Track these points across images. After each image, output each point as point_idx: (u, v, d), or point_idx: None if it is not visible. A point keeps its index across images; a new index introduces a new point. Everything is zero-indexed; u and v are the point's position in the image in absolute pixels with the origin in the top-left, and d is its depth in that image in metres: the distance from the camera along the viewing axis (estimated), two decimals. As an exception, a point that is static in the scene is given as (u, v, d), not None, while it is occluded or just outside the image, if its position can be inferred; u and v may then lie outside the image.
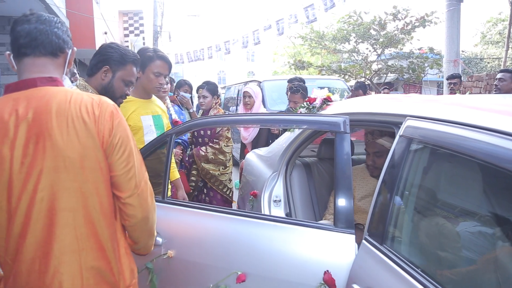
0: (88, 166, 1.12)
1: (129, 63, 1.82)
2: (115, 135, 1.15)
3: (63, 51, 1.21)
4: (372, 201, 1.39)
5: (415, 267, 1.12)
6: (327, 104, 2.13)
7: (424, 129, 1.28)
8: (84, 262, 1.13)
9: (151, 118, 2.28)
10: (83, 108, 1.13)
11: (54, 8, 6.27)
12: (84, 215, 1.13)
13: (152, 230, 1.30)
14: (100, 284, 1.16)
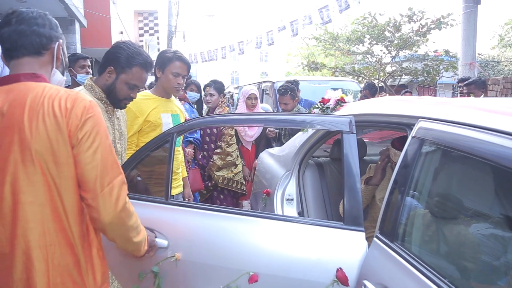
0: (58, 161, 1.11)
1: (135, 66, 1.76)
2: (82, 129, 1.12)
3: (47, 47, 1.21)
4: (384, 200, 1.42)
5: (424, 264, 1.15)
6: (340, 105, 2.16)
7: (436, 131, 1.30)
8: (51, 258, 1.12)
9: (170, 116, 2.37)
10: (56, 102, 1.12)
11: (73, 8, 6.43)
12: (52, 210, 1.11)
13: (127, 236, 1.25)
14: (67, 283, 1.14)
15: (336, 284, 1.38)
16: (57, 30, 1.25)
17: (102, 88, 1.81)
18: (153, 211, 1.65)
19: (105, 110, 1.83)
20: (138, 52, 1.79)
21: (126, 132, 1.95)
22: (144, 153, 1.73)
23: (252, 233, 1.54)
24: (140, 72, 1.79)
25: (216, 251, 1.52)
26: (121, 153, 1.88)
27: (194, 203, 1.69)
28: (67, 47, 7.18)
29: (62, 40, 1.27)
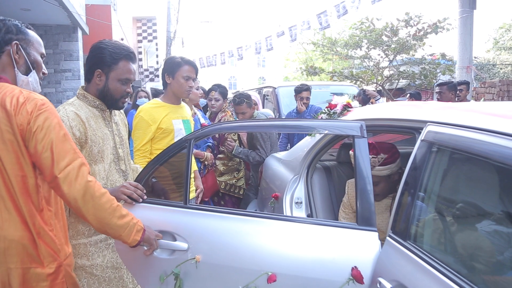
0: (7, 149, 1.29)
1: (120, 60, 1.77)
2: (34, 123, 1.29)
3: (1, 50, 1.38)
4: (395, 201, 1.49)
5: (437, 260, 1.21)
6: (347, 110, 2.24)
7: (444, 134, 1.37)
8: (6, 233, 1.29)
9: (181, 122, 2.44)
10: (8, 98, 1.29)
11: (76, 16, 6.50)
12: (6, 190, 1.30)
13: (99, 216, 1.39)
14: (21, 255, 1.32)
15: (352, 282, 1.43)
16: (12, 33, 1.40)
17: (95, 94, 1.81)
18: (173, 215, 1.71)
19: (101, 117, 1.83)
20: (119, 46, 1.79)
21: (126, 136, 1.96)
22: (163, 159, 1.78)
23: (270, 235, 1.59)
24: (127, 65, 1.79)
25: (235, 253, 1.57)
26: (123, 157, 1.90)
27: (212, 206, 1.74)
28: (70, 54, 7.27)
29: (18, 40, 1.40)
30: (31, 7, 5.83)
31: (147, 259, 1.68)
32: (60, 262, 1.41)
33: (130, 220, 1.48)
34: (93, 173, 1.76)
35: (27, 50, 1.44)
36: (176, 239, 1.65)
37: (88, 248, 1.75)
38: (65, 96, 7.10)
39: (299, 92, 4.50)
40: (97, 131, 1.78)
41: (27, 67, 1.44)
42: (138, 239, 1.51)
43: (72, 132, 1.66)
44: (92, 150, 1.75)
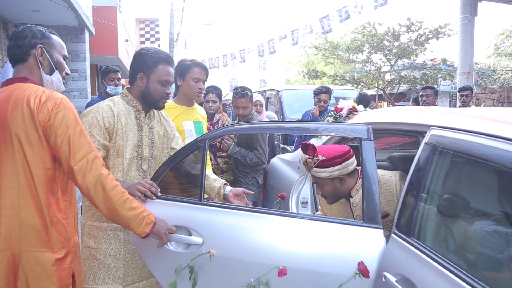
0: (30, 142, 1.43)
1: (159, 63, 1.93)
2: (54, 120, 1.44)
3: (28, 53, 1.55)
4: (400, 200, 1.58)
5: (439, 255, 1.30)
6: (353, 113, 2.33)
7: (447, 138, 1.47)
8: (23, 218, 1.43)
9: (192, 124, 2.51)
10: (32, 97, 1.44)
11: (84, 18, 6.60)
12: (25, 179, 1.44)
13: (109, 207, 1.52)
14: (34, 240, 1.44)
15: (358, 276, 1.52)
16: (37, 37, 1.57)
17: (137, 95, 1.96)
18: (189, 211, 1.80)
19: (135, 116, 1.95)
20: (158, 51, 1.97)
21: (159, 142, 2.05)
22: (178, 158, 1.87)
23: (281, 231, 1.68)
24: (166, 67, 1.95)
25: (247, 248, 1.66)
26: (148, 158, 1.99)
27: (225, 203, 1.82)
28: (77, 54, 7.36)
29: (42, 44, 1.57)
30: (41, 9, 5.94)
31: (164, 253, 1.76)
32: (69, 249, 1.53)
33: (140, 213, 1.59)
34: (114, 165, 1.89)
35: (50, 52, 1.59)
36: (191, 234, 1.74)
37: (97, 232, 1.88)
38: (71, 96, 7.20)
39: (318, 94, 4.30)
40: (126, 127, 1.90)
41: (50, 68, 1.60)
42: (147, 231, 1.62)
43: (103, 122, 1.83)
44: (117, 142, 1.88)
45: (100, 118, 1.84)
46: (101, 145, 1.84)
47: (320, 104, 4.29)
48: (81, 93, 7.24)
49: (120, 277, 1.89)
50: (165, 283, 1.77)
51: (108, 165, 1.90)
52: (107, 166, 1.89)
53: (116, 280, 1.88)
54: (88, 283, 1.86)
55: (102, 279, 1.87)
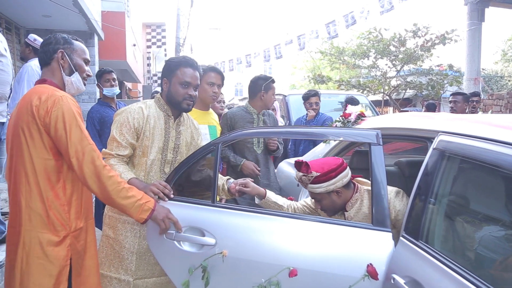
0: (32, 135, 1.60)
1: (179, 67, 2.03)
2: (51, 117, 1.58)
3: (51, 58, 1.73)
4: (408, 203, 1.61)
5: (447, 257, 1.34)
6: (361, 119, 2.36)
7: (455, 143, 1.50)
8: (27, 201, 1.61)
9: (207, 128, 2.58)
10: (36, 96, 1.61)
11: (94, 22, 6.70)
12: (30, 167, 1.61)
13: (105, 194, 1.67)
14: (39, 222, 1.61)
15: (367, 278, 1.55)
16: (59, 43, 1.74)
17: (166, 100, 2.07)
18: (202, 212, 1.85)
19: (164, 121, 2.05)
20: (182, 57, 2.09)
21: (184, 147, 2.12)
22: (192, 161, 1.93)
23: (292, 233, 1.72)
24: (185, 70, 2.03)
25: (259, 249, 1.70)
26: (171, 162, 2.06)
27: (238, 205, 1.87)
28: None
29: (64, 49, 1.73)
30: (52, 14, 6.05)
31: (177, 253, 1.81)
32: (68, 233, 1.68)
33: (136, 201, 1.71)
34: (138, 163, 2.00)
35: (71, 56, 1.76)
36: (204, 234, 1.79)
37: (116, 223, 2.00)
38: (80, 100, 7.29)
39: (307, 99, 4.57)
40: (154, 130, 1.99)
41: (70, 70, 1.76)
42: (144, 217, 1.74)
43: (133, 123, 1.95)
44: (143, 143, 1.98)
45: (131, 119, 1.95)
46: (128, 144, 1.94)
47: (312, 107, 4.51)
48: (90, 96, 7.34)
49: (131, 270, 1.96)
50: (178, 282, 1.82)
51: (133, 163, 2.00)
52: (132, 164, 2.00)
53: (128, 272, 1.96)
54: (103, 269, 1.98)
55: (116, 268, 1.97)
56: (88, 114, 3.73)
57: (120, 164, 1.92)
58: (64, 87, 1.77)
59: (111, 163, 1.90)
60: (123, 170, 1.89)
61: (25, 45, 3.69)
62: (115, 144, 1.93)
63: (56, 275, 1.63)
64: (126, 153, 1.94)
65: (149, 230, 1.92)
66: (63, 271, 1.66)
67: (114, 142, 1.94)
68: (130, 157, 1.99)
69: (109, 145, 1.95)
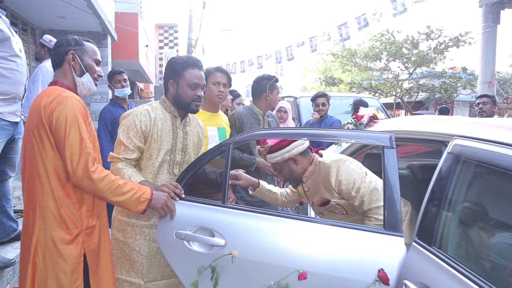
0: (40, 136, 1.64)
1: (186, 68, 2.00)
2: (54, 116, 1.61)
3: (63, 59, 1.76)
4: (421, 209, 1.59)
5: (460, 264, 1.31)
6: (374, 121, 2.34)
7: (470, 147, 1.47)
8: (40, 200, 1.65)
9: (216, 130, 2.58)
10: (45, 97, 1.65)
11: (107, 23, 6.77)
12: (42, 167, 1.64)
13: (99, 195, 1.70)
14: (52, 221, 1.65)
15: (378, 283, 1.53)
16: (70, 45, 1.77)
17: (172, 101, 2.05)
18: (212, 213, 1.85)
19: (171, 122, 2.04)
20: (185, 57, 2.06)
21: (192, 148, 2.13)
22: (202, 161, 1.93)
23: (302, 235, 1.70)
24: (194, 71, 2.01)
25: (269, 250, 1.69)
26: (180, 163, 2.06)
27: (248, 207, 1.86)
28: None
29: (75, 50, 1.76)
30: (67, 15, 6.13)
31: (187, 253, 1.81)
32: (80, 231, 1.71)
33: (132, 196, 1.73)
34: (145, 166, 1.98)
35: (82, 57, 1.79)
36: (214, 235, 1.78)
37: (125, 227, 2.00)
38: (93, 100, 7.38)
39: (314, 99, 4.58)
40: (161, 132, 1.98)
41: (81, 71, 1.79)
42: (143, 208, 1.76)
43: (140, 126, 1.94)
44: (151, 145, 1.97)
45: (138, 122, 1.93)
46: (136, 147, 1.93)
47: (319, 108, 4.52)
48: (102, 96, 7.41)
49: (142, 273, 1.97)
50: (187, 282, 1.82)
51: (140, 166, 1.98)
52: (139, 167, 1.99)
53: (139, 274, 1.97)
54: (115, 272, 1.96)
55: (127, 271, 1.98)
56: (100, 115, 3.77)
57: (128, 168, 1.91)
58: (76, 88, 1.79)
59: (118, 167, 1.89)
60: (131, 173, 1.88)
61: (40, 46, 3.75)
62: (122, 147, 1.92)
63: (70, 272, 1.66)
64: (133, 156, 1.93)
65: (159, 230, 1.93)
66: (77, 268, 1.68)
67: (121, 145, 1.92)
68: (137, 160, 1.98)
69: (116, 149, 1.94)
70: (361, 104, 4.70)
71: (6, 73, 2.51)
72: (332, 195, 1.99)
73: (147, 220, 1.98)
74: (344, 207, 2.02)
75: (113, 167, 1.91)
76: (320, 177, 2.01)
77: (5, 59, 2.50)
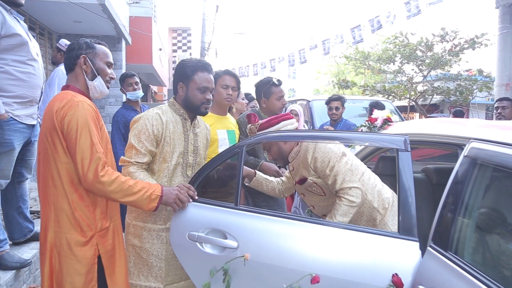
0: (53, 140, 1.66)
1: (196, 72, 2.01)
2: (65, 121, 1.64)
3: (75, 63, 1.78)
4: (437, 213, 1.56)
5: (478, 270, 1.28)
6: (388, 124, 2.32)
7: (488, 151, 1.44)
8: (55, 203, 1.68)
9: (226, 133, 2.58)
10: (58, 102, 1.67)
11: (121, 28, 6.87)
12: (55, 171, 1.67)
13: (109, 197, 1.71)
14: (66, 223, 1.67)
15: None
16: (82, 48, 1.78)
17: (181, 103, 2.06)
18: (225, 215, 1.85)
19: (182, 124, 2.05)
20: (196, 60, 2.06)
21: (203, 149, 2.15)
22: (216, 163, 1.93)
23: (315, 238, 1.69)
24: (204, 75, 2.02)
25: (281, 253, 1.68)
26: (192, 165, 2.07)
27: (261, 209, 1.86)
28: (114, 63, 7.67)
29: (86, 54, 1.78)
30: (82, 20, 6.25)
31: (199, 255, 1.82)
32: (94, 233, 1.73)
33: (143, 195, 1.74)
34: (159, 170, 1.99)
35: (93, 61, 1.80)
36: (226, 237, 1.78)
37: (141, 232, 1.99)
38: (107, 102, 7.49)
39: (328, 103, 4.57)
40: (173, 135, 1.99)
41: (93, 74, 1.80)
42: (154, 205, 1.77)
43: (152, 129, 1.94)
44: (164, 149, 1.97)
45: (149, 126, 1.93)
46: (147, 151, 1.93)
47: (332, 112, 4.50)
48: (116, 99, 7.51)
49: (161, 276, 1.97)
50: (200, 284, 1.82)
51: (154, 170, 1.99)
52: (152, 171, 1.99)
53: (157, 278, 1.97)
54: (132, 278, 1.98)
55: (145, 276, 1.98)
56: (113, 118, 3.80)
57: (140, 171, 1.91)
58: (88, 91, 1.81)
59: (130, 171, 1.90)
60: (143, 177, 1.88)
61: (56, 50, 3.82)
62: (133, 151, 1.92)
63: (85, 273, 1.68)
64: (145, 160, 1.93)
65: (172, 232, 1.94)
66: (92, 269, 1.71)
67: (133, 149, 1.92)
68: (149, 164, 1.98)
69: (128, 153, 1.94)
70: (377, 106, 4.66)
71: (23, 76, 2.56)
72: (309, 172, 2.06)
73: (163, 224, 1.99)
74: (321, 186, 2.09)
75: (124, 171, 1.91)
76: (301, 156, 2.09)
77: (23, 63, 2.56)
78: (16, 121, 2.56)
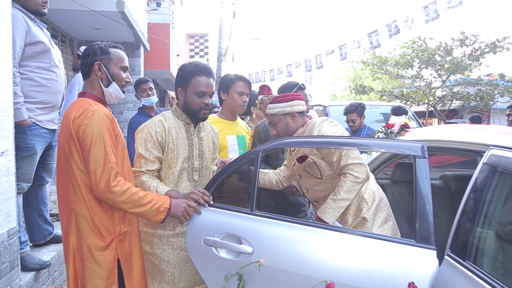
0: (70, 148, 1.68)
1: (193, 76, 1.99)
2: (81, 130, 1.65)
3: (90, 70, 1.78)
4: (455, 221, 1.53)
5: (497, 280, 1.25)
6: (405, 130, 2.29)
7: (508, 158, 1.41)
8: (75, 209, 1.70)
9: (236, 138, 2.56)
10: (75, 110, 1.69)
11: (140, 34, 7.00)
12: (74, 178, 1.70)
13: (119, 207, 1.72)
14: (86, 228, 1.70)
15: (408, 297, 1.48)
16: (96, 54, 1.77)
17: (182, 108, 2.06)
18: (240, 220, 1.86)
19: (185, 130, 2.05)
20: (193, 65, 2.03)
21: (208, 153, 2.15)
22: (231, 169, 1.94)
23: (330, 245, 1.68)
24: (200, 79, 1.99)
25: (296, 260, 1.68)
26: (199, 169, 2.07)
27: (276, 215, 1.86)
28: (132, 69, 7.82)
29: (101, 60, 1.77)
30: (102, 27, 6.40)
31: (215, 260, 1.83)
32: (113, 237, 1.76)
33: (152, 206, 1.75)
34: (165, 176, 2.00)
35: (108, 67, 1.79)
36: (242, 242, 1.79)
37: (152, 238, 2.01)
38: (125, 108, 7.63)
39: (345, 114, 4.37)
40: (176, 141, 2.00)
41: (108, 81, 1.80)
42: (162, 217, 1.79)
43: (156, 137, 1.96)
44: (168, 155, 1.99)
45: (153, 133, 1.95)
46: (156, 158, 1.95)
47: (349, 124, 4.31)
48: (134, 105, 7.63)
49: (174, 282, 1.99)
50: (215, 289, 1.83)
51: (161, 176, 2.01)
52: (159, 177, 2.01)
53: (170, 284, 1.98)
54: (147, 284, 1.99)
55: (158, 282, 2.00)
56: (129, 125, 3.85)
57: (153, 179, 1.93)
58: (104, 97, 1.82)
59: (143, 180, 1.91)
60: (156, 184, 1.90)
61: (77, 57, 3.92)
62: (142, 160, 1.93)
63: (106, 277, 1.72)
64: (155, 167, 1.94)
65: (188, 236, 1.95)
66: (112, 273, 1.74)
67: (142, 158, 1.93)
68: (158, 170, 1.99)
69: (137, 163, 1.95)
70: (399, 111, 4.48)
71: (46, 83, 2.64)
72: (311, 150, 2.07)
73: (172, 230, 2.00)
74: (320, 168, 2.07)
75: (137, 181, 1.92)
76: (306, 134, 2.10)
77: (46, 70, 2.64)
78: (39, 126, 2.64)
